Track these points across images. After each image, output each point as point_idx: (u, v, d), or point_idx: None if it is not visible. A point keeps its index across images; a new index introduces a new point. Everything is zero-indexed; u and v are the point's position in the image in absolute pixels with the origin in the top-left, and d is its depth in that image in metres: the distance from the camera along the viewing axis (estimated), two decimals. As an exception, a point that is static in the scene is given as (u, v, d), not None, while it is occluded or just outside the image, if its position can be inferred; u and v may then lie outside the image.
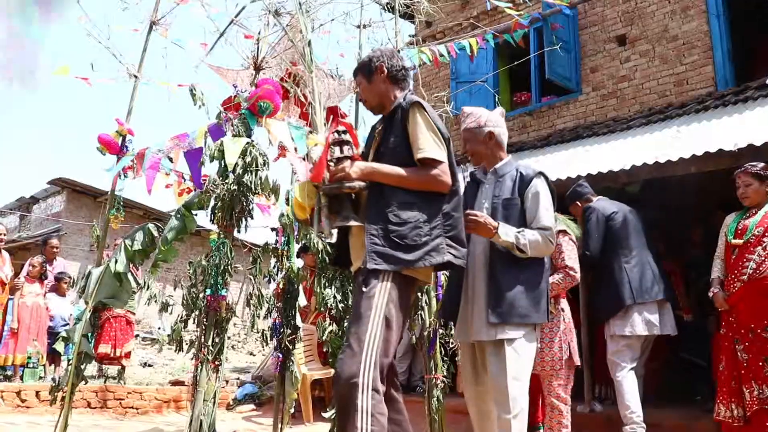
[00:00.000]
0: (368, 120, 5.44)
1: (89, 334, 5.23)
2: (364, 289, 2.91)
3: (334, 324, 4.81)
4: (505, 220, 3.45)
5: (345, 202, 3.07)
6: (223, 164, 4.19)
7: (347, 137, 3.10)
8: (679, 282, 6.85)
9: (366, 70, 3.33)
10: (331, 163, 3.05)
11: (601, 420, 6.07)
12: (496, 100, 9.35)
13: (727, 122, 6.78)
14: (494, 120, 3.71)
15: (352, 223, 3.04)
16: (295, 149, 4.67)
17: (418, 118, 3.06)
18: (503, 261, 3.42)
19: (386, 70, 3.27)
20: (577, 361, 4.75)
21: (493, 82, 9.92)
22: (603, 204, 5.63)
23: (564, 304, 4.82)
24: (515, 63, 8.56)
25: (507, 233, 3.36)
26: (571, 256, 4.69)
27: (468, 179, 3.82)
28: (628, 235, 5.54)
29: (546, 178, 3.61)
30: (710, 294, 5.10)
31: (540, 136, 9.68)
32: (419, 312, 4.81)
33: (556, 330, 4.70)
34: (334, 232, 3.23)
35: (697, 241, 7.16)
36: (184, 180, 5.67)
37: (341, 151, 3.05)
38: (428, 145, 3.02)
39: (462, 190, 3.30)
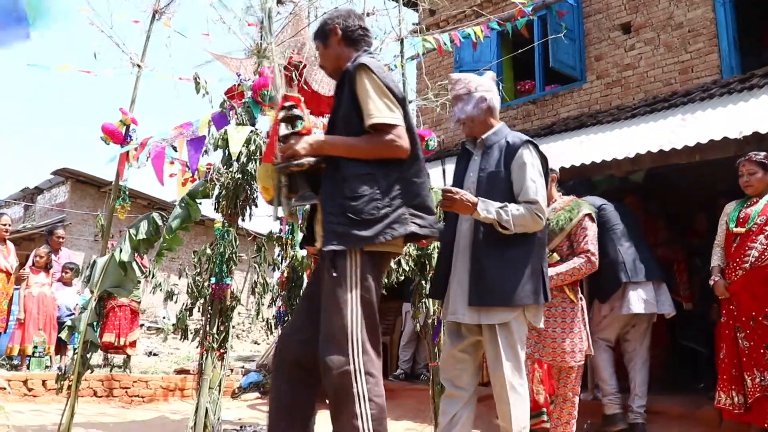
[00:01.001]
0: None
1: (94, 324, 5.25)
2: (334, 274, 2.74)
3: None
4: (490, 194, 3.27)
5: (301, 180, 2.89)
6: (227, 153, 4.18)
7: (296, 112, 2.92)
8: (682, 270, 6.85)
9: (321, 33, 3.13)
10: (281, 141, 2.89)
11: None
12: (500, 88, 9.35)
13: (732, 110, 6.76)
14: (486, 85, 3.56)
15: (308, 201, 2.89)
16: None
17: (365, 81, 2.81)
18: (488, 239, 3.26)
19: (341, 31, 3.06)
20: (591, 350, 4.57)
21: (497, 70, 9.88)
22: (591, 198, 5.64)
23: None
24: (519, 51, 8.54)
25: (487, 209, 3.19)
26: (593, 241, 4.45)
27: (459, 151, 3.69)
28: (620, 223, 5.67)
29: (535, 146, 3.42)
30: (711, 282, 5.12)
31: (544, 124, 9.66)
32: (423, 300, 4.82)
33: (578, 320, 4.40)
34: (300, 210, 3.11)
35: (701, 229, 7.15)
36: (188, 169, 5.67)
37: (292, 127, 2.89)
38: (378, 109, 2.78)
39: (421, 153, 2.97)
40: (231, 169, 4.20)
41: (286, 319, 5.88)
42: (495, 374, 3.23)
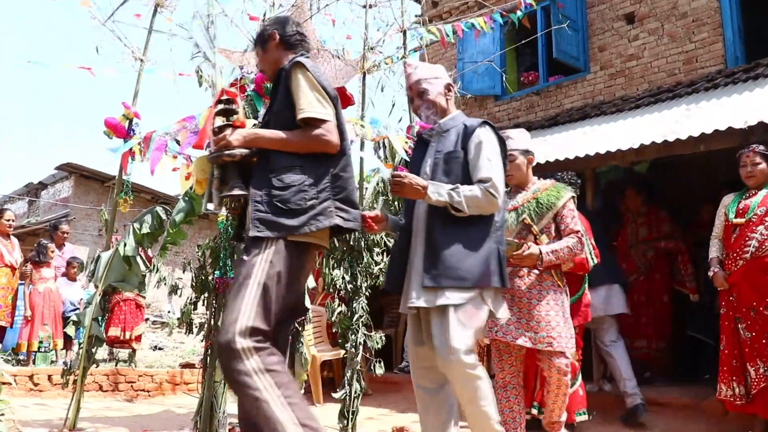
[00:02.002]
0: (376, 101, 5.42)
1: (99, 318, 5.26)
2: (245, 258, 2.85)
3: (343, 305, 4.81)
4: (446, 175, 3.25)
5: (233, 173, 3.00)
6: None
7: (232, 106, 3.04)
8: (686, 262, 6.84)
9: (260, 39, 3.28)
10: (215, 133, 2.99)
11: (611, 399, 6.07)
12: (504, 80, 9.33)
13: (737, 100, 6.73)
14: (445, 73, 3.58)
15: (237, 192, 2.97)
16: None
17: (300, 77, 2.94)
18: (442, 220, 3.21)
19: (278, 37, 3.21)
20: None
21: (500, 62, 9.86)
22: None
23: None
24: (522, 42, 8.52)
25: (438, 192, 3.14)
26: (578, 222, 4.22)
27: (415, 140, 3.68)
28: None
29: (492, 127, 3.37)
30: (710, 274, 5.13)
31: (548, 115, 9.63)
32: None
33: (566, 305, 4.19)
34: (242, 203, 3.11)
35: (706, 220, 7.13)
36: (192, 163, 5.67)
37: (227, 120, 3.00)
38: (310, 104, 2.90)
39: (350, 150, 3.10)
40: (234, 163, 4.18)
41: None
42: (446, 361, 3.06)
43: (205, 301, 4.38)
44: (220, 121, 3.03)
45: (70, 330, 8.76)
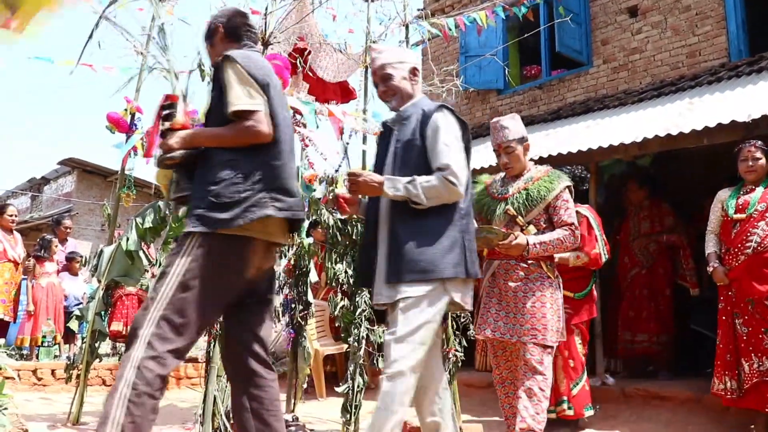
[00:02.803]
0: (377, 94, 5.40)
1: (102, 313, 5.27)
2: (172, 251, 2.88)
3: (346, 299, 4.81)
4: (406, 165, 3.15)
5: (180, 174, 3.02)
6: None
7: (172, 110, 3.02)
8: (688, 256, 6.84)
9: (207, 33, 3.27)
10: (161, 137, 3.02)
11: (614, 393, 6.08)
12: (506, 73, 9.31)
13: (741, 93, 6.71)
14: (413, 56, 3.47)
15: (184, 193, 2.98)
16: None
17: (229, 71, 2.91)
18: (403, 213, 3.13)
19: (223, 29, 3.19)
20: (563, 336, 4.10)
21: (503, 55, 9.84)
22: None
23: None
24: (525, 36, 8.49)
25: (395, 186, 3.06)
26: (572, 214, 4.02)
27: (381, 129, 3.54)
28: None
29: (451, 111, 3.23)
30: (709, 269, 5.12)
31: (550, 109, 9.62)
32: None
33: (557, 296, 3.98)
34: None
35: (709, 214, 7.12)
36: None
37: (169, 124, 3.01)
38: (238, 97, 2.87)
39: (285, 136, 3.00)
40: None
41: (293, 306, 5.88)
42: (385, 345, 3.05)
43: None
44: (162, 125, 3.03)
45: (73, 325, 8.79)
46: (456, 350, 4.89)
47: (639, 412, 5.72)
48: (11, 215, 8.20)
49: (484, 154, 7.91)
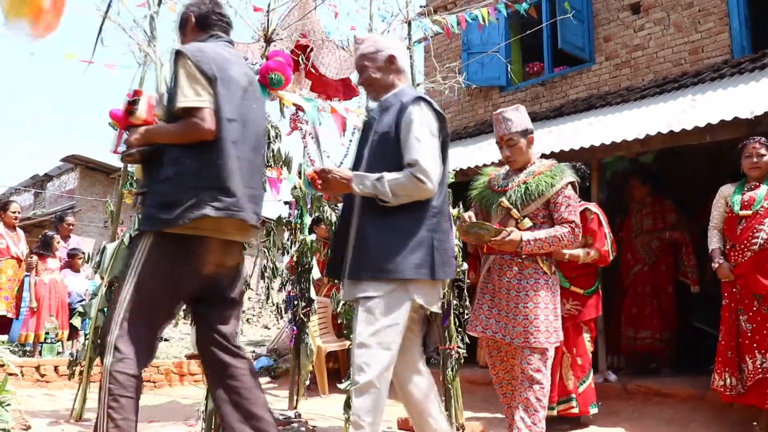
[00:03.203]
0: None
1: (105, 309, 5.27)
2: (129, 253, 2.97)
3: (348, 296, 4.81)
4: (381, 159, 3.04)
5: (142, 171, 3.07)
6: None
7: (135, 106, 3.02)
8: (690, 253, 6.83)
9: (180, 23, 3.25)
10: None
11: (616, 390, 6.08)
12: (509, 70, 9.31)
13: (744, 90, 6.70)
14: (393, 44, 3.30)
15: (144, 190, 3.02)
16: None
17: (178, 67, 2.89)
18: (372, 208, 3.02)
19: (194, 18, 3.18)
20: (561, 335, 3.87)
21: (505, 52, 9.83)
22: None
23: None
24: (527, 32, 8.48)
25: (363, 183, 2.97)
26: (576, 212, 3.85)
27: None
28: None
29: (428, 103, 3.06)
30: (714, 265, 5.09)
31: (553, 106, 9.61)
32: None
33: (553, 295, 3.80)
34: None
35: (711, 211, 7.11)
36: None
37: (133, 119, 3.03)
38: (185, 95, 2.85)
39: (229, 135, 2.92)
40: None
41: (295, 303, 5.89)
42: (352, 354, 2.98)
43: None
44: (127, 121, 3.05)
45: (76, 321, 8.82)
46: (458, 347, 4.89)
47: (641, 409, 5.72)
48: (14, 212, 8.21)
49: (487, 150, 7.90)
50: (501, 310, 3.81)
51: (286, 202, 5.54)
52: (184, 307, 3.27)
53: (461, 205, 4.75)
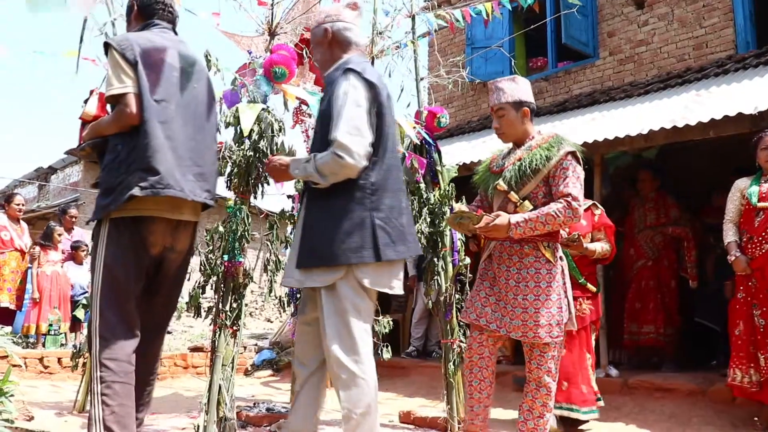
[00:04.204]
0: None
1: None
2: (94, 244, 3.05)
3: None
4: (321, 139, 2.90)
5: (100, 162, 3.14)
6: (238, 130, 4.17)
7: (87, 103, 3.20)
8: (691, 249, 6.83)
9: (126, 12, 3.34)
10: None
11: (617, 385, 6.09)
12: (512, 65, 9.29)
13: (748, 85, 6.69)
14: (336, 15, 3.12)
15: (98, 180, 3.13)
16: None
17: (107, 58, 2.99)
18: (311, 192, 2.96)
19: (137, 7, 3.27)
20: (573, 325, 3.66)
21: (509, 47, 9.81)
22: None
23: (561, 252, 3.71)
24: (531, 27, 8.48)
25: (298, 168, 2.92)
26: (575, 183, 3.45)
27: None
28: None
29: (358, 74, 2.88)
30: (730, 259, 5.03)
31: (556, 101, 9.60)
32: (435, 277, 4.82)
33: (556, 284, 3.49)
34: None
35: (720, 206, 7.11)
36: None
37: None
38: (110, 84, 2.95)
39: (154, 117, 2.96)
40: (242, 147, 4.18)
41: (298, 296, 5.89)
42: (325, 347, 2.86)
43: (214, 285, 4.39)
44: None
45: (79, 313, 8.85)
46: (460, 341, 4.90)
47: (642, 405, 5.73)
48: (18, 204, 8.23)
49: (490, 145, 7.89)
50: (499, 300, 3.55)
51: (289, 196, 5.55)
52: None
53: (464, 200, 4.73)
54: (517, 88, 3.67)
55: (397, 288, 2.99)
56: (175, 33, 3.32)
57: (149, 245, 3.05)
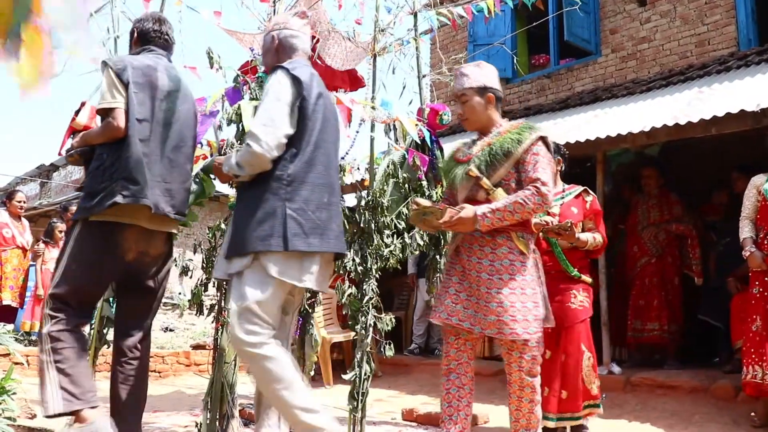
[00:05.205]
0: (386, 83, 5.40)
1: (110, 299, 5.28)
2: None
3: (353, 287, 4.82)
4: None
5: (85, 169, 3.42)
6: (241, 128, 4.17)
7: (80, 113, 3.48)
8: (695, 246, 6.83)
9: (129, 36, 3.64)
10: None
11: (620, 382, 6.09)
12: (515, 62, 9.29)
13: (750, 83, 6.68)
14: (283, 23, 3.28)
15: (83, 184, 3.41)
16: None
17: (103, 75, 3.27)
18: (239, 187, 3.16)
19: (136, 33, 3.57)
20: (551, 321, 3.55)
21: (511, 44, 9.81)
22: None
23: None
24: (533, 24, 8.46)
25: (227, 163, 3.05)
26: (546, 169, 3.34)
27: None
28: None
29: (285, 69, 3.01)
30: (745, 254, 4.97)
31: (558, 99, 9.59)
32: (438, 274, 4.82)
33: (531, 278, 3.36)
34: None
35: (721, 203, 7.10)
36: (201, 145, 5.67)
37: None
38: (103, 98, 3.22)
39: (136, 134, 3.20)
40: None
41: (300, 294, 5.90)
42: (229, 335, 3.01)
43: (216, 283, 4.40)
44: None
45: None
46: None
47: (645, 402, 5.73)
48: (19, 201, 8.25)
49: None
50: (471, 296, 3.39)
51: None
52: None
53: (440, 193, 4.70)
54: (482, 73, 3.61)
55: (308, 282, 3.01)
56: (169, 59, 3.61)
57: (124, 251, 3.29)
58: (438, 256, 4.84)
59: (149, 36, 3.55)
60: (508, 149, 3.37)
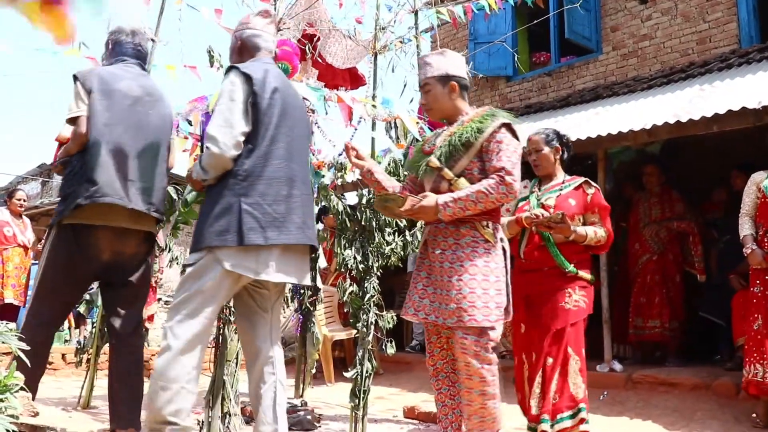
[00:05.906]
0: (387, 81, 5.41)
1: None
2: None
3: (355, 285, 4.82)
4: None
5: None
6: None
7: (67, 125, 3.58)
8: (697, 243, 6.83)
9: (105, 47, 3.84)
10: None
11: (621, 379, 6.09)
12: (515, 60, 9.29)
13: (751, 80, 6.68)
14: (246, 23, 3.35)
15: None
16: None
17: (73, 88, 3.48)
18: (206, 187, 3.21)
19: (111, 44, 3.78)
20: (509, 315, 3.31)
21: (512, 42, 9.79)
22: None
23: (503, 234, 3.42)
24: (534, 22, 8.46)
25: (194, 170, 3.12)
26: (510, 157, 3.18)
27: None
28: None
29: (236, 69, 3.08)
30: (746, 252, 4.95)
31: (559, 96, 9.58)
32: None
33: (494, 267, 3.20)
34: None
35: (721, 201, 7.10)
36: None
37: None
38: (69, 109, 3.45)
39: (100, 137, 3.38)
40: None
41: (302, 292, 5.91)
42: None
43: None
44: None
45: (84, 309, 8.85)
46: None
47: (646, 399, 5.73)
48: (19, 200, 8.25)
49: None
50: (437, 288, 3.23)
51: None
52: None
53: None
54: (445, 61, 3.46)
55: (267, 275, 3.02)
56: (143, 67, 3.83)
57: (98, 251, 3.45)
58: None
59: (122, 47, 3.75)
60: (467, 139, 3.25)
